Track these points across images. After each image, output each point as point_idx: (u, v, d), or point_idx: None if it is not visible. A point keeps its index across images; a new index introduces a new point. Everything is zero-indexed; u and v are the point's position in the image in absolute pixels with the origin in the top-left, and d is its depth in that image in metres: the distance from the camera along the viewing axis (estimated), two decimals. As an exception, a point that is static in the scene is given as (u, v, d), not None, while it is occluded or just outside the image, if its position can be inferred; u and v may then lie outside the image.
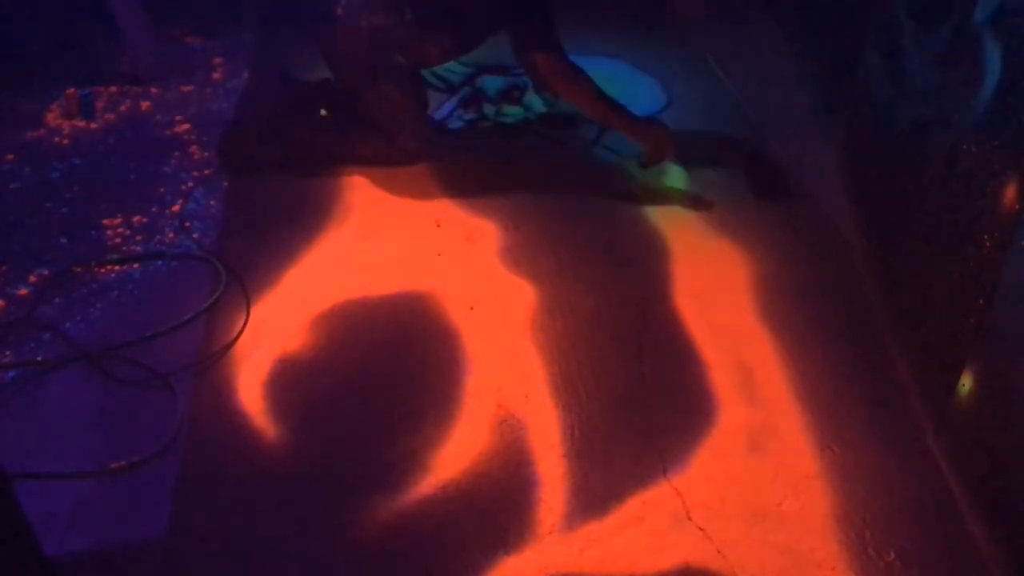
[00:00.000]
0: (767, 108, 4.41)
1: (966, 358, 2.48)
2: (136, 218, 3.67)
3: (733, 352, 3.01)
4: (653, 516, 2.47)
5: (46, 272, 3.34)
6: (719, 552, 2.37)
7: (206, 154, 4.12)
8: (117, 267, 3.40)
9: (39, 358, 2.97)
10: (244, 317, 3.15)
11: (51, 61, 4.70)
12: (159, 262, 3.44)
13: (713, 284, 3.33)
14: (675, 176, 3.98)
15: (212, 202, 3.79)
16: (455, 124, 4.34)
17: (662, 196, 3.84)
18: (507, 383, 2.90)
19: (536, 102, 4.41)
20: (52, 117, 4.37)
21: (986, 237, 2.41)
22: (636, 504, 2.51)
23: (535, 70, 3.78)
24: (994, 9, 2.54)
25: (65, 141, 4.21)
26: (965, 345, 2.49)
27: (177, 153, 4.14)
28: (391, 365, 2.97)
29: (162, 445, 2.67)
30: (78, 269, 3.37)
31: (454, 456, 2.65)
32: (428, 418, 2.77)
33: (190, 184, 3.90)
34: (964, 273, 2.54)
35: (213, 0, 5.27)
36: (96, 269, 3.38)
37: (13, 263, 3.39)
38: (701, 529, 2.44)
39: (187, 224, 3.61)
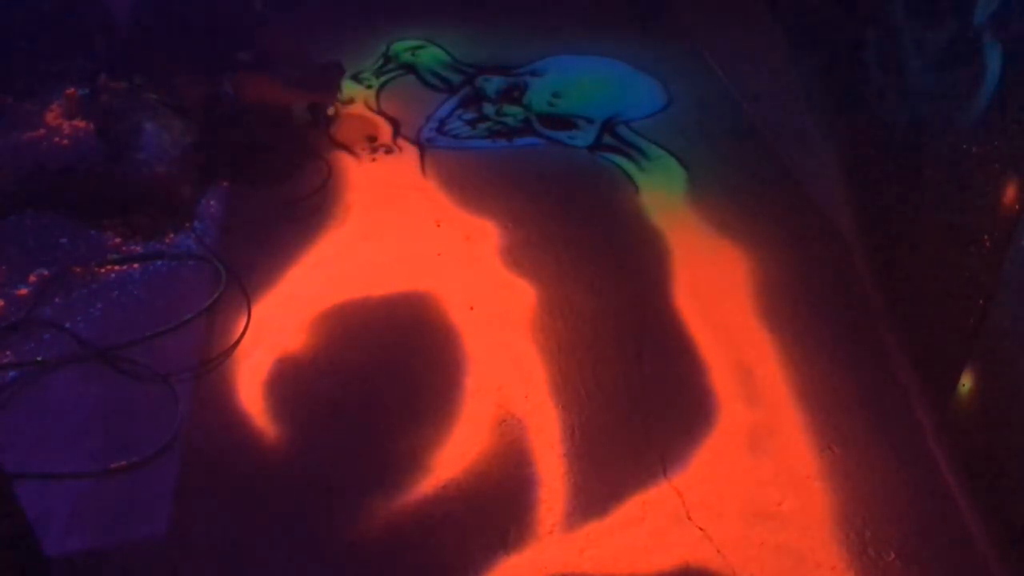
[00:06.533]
0: (767, 108, 4.41)
1: (966, 358, 2.48)
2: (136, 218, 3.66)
3: (733, 352, 3.01)
4: (653, 516, 2.47)
5: (46, 272, 3.33)
6: (719, 552, 2.37)
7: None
8: (117, 267, 3.40)
9: (39, 358, 2.97)
10: (244, 317, 3.14)
11: (51, 61, 4.69)
12: (159, 262, 3.44)
13: (713, 284, 3.33)
14: (674, 176, 3.98)
15: (212, 202, 3.78)
16: (455, 124, 4.34)
17: (662, 196, 3.84)
18: (507, 383, 2.90)
19: (536, 102, 4.41)
20: (52, 117, 4.36)
21: (986, 237, 2.41)
22: (636, 504, 2.51)
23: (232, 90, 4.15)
24: (994, 9, 2.54)
25: (65, 141, 4.20)
26: (965, 345, 2.49)
27: (177, 153, 4.13)
28: (391, 365, 2.97)
29: (162, 445, 2.67)
30: (78, 269, 3.36)
31: (454, 456, 2.65)
32: (428, 418, 2.77)
33: (190, 184, 3.89)
34: (964, 273, 2.54)
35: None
36: (96, 269, 3.38)
37: (13, 263, 3.38)
38: (701, 529, 2.44)
39: (188, 224, 3.61)
